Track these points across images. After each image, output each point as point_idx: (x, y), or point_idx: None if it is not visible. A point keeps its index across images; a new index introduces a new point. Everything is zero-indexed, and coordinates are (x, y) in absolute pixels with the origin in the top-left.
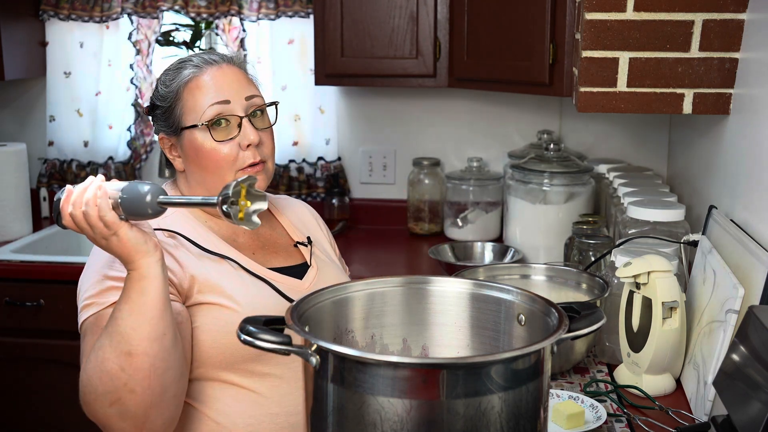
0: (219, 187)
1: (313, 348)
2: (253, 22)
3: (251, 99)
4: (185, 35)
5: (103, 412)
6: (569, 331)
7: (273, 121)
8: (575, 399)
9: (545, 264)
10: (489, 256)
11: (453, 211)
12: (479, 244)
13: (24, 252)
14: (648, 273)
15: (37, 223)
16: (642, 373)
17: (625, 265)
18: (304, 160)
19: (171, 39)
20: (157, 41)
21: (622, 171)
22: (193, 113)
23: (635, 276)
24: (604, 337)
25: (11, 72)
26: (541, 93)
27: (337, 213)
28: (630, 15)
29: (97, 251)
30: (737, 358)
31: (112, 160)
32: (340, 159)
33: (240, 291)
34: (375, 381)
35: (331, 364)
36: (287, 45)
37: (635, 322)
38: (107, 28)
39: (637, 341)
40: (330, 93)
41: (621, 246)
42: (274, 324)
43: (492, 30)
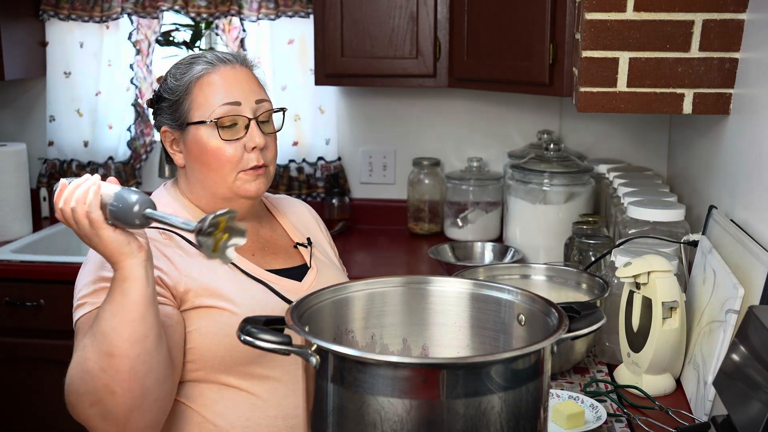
0: (218, 186)
1: (313, 348)
2: (253, 22)
3: (261, 103)
4: (185, 35)
5: (85, 412)
6: (569, 331)
7: (279, 127)
8: (575, 399)
9: (545, 264)
10: (489, 256)
11: (453, 211)
12: (479, 244)
13: (24, 252)
14: (648, 273)
15: (37, 223)
16: (642, 373)
17: (625, 265)
18: (304, 160)
19: (171, 39)
20: (157, 41)
21: (622, 171)
22: (202, 110)
23: (635, 276)
24: (604, 337)
25: (11, 72)
26: (541, 93)
27: (337, 213)
28: (630, 15)
29: (94, 251)
30: (737, 358)
31: (112, 160)
32: (340, 159)
33: (238, 293)
34: (375, 381)
35: (331, 364)
36: (287, 45)
37: (635, 322)
38: (107, 28)
39: (637, 341)
40: (330, 93)
41: (621, 246)
42: (274, 324)
43: (492, 30)
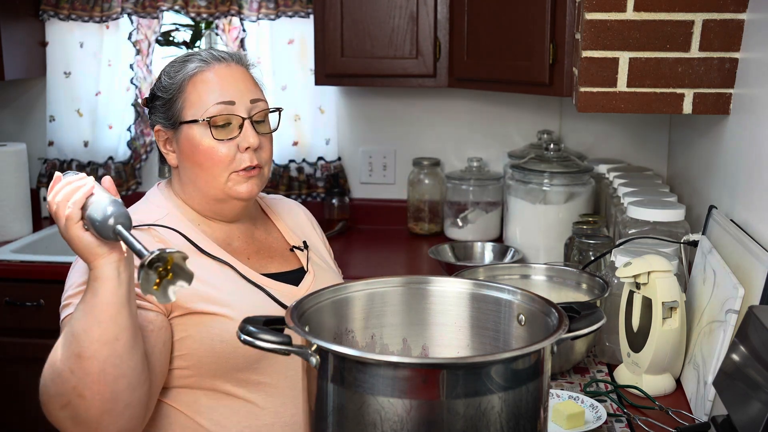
0: (210, 187)
1: (313, 348)
2: (253, 22)
3: (256, 102)
4: (185, 35)
5: (56, 414)
6: (569, 331)
7: (274, 128)
8: (575, 399)
9: (545, 264)
10: (489, 256)
11: (453, 211)
12: (479, 244)
13: (24, 252)
14: (648, 273)
15: (37, 223)
16: (642, 373)
17: (625, 265)
18: (304, 160)
19: (171, 39)
20: (157, 41)
21: (622, 171)
22: (195, 108)
23: (635, 276)
24: (604, 337)
25: (11, 72)
26: (541, 93)
27: (337, 213)
28: (630, 15)
29: None
30: (737, 358)
31: (112, 160)
32: (340, 159)
33: (234, 298)
34: (375, 381)
35: (331, 364)
36: (287, 45)
37: (635, 322)
38: (107, 28)
39: (637, 341)
40: (330, 93)
41: (621, 246)
42: (274, 324)
43: (492, 30)
